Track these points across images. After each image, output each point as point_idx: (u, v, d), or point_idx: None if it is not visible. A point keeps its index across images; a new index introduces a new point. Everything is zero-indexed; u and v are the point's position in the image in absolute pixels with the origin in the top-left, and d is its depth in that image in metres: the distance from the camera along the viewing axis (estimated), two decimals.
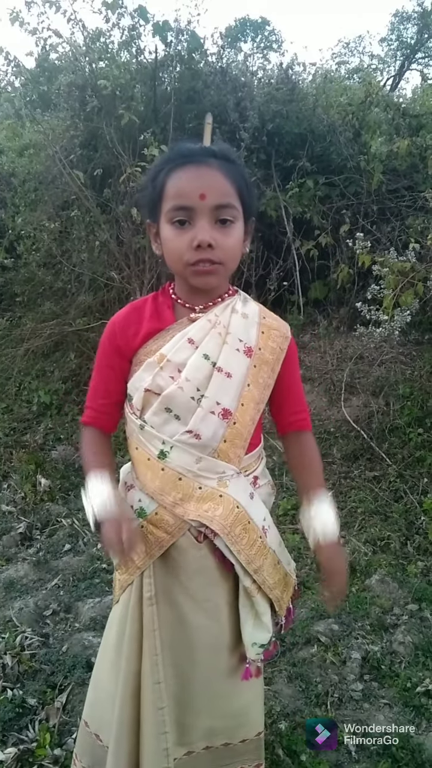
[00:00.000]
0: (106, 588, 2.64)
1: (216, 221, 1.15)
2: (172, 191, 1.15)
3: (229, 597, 1.28)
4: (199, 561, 1.24)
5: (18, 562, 2.86)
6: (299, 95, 4.99)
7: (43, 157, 5.09)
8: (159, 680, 1.23)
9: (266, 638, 1.30)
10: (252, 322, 1.27)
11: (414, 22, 10.40)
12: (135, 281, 4.44)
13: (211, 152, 1.18)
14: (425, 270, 3.43)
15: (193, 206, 1.13)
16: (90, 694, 1.43)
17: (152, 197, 1.21)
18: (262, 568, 1.27)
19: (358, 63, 10.65)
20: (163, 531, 1.23)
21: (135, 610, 1.25)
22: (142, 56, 4.83)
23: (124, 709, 1.26)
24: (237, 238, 1.19)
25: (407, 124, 4.95)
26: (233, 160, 1.21)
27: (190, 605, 1.25)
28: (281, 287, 4.70)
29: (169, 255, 1.20)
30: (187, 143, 1.25)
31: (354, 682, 2.12)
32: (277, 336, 1.30)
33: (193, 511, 1.21)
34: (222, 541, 1.21)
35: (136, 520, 1.25)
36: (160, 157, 1.24)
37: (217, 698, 1.33)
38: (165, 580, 1.25)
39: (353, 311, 4.15)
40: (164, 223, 1.18)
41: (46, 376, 4.73)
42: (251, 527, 1.25)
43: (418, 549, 2.89)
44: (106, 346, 1.30)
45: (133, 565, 1.24)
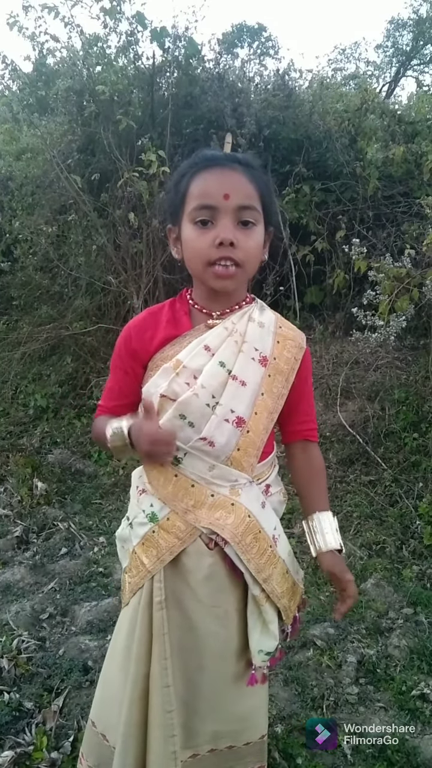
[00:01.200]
0: (103, 591, 2.64)
1: (238, 222, 1.16)
2: (196, 192, 1.16)
3: (239, 604, 1.29)
4: (210, 567, 1.25)
5: (14, 565, 2.86)
6: (296, 101, 5.02)
7: (40, 161, 5.11)
8: (168, 684, 1.23)
9: (273, 646, 1.31)
10: (268, 332, 1.28)
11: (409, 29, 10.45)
12: (132, 285, 4.46)
13: (236, 158, 1.20)
14: (420, 276, 3.46)
15: (217, 206, 1.14)
16: (98, 695, 1.44)
17: (175, 201, 1.22)
18: (272, 578, 1.28)
19: (354, 69, 10.68)
20: (174, 536, 1.23)
21: (145, 614, 1.25)
22: (140, 62, 4.85)
23: (132, 710, 1.27)
24: (258, 241, 1.20)
25: (403, 130, 4.99)
26: (256, 168, 1.22)
27: (199, 611, 1.26)
28: (277, 292, 4.72)
29: (190, 255, 1.20)
30: (211, 150, 1.28)
31: (350, 686, 2.13)
32: (292, 346, 1.31)
33: (204, 519, 1.22)
34: (232, 549, 1.22)
35: (147, 525, 1.26)
36: (184, 163, 1.25)
37: (223, 703, 1.33)
38: (175, 585, 1.25)
39: (349, 316, 4.17)
40: (186, 223, 1.18)
41: (43, 380, 4.74)
42: (262, 536, 1.26)
43: (414, 553, 2.90)
44: (122, 349, 1.30)
45: (144, 569, 1.25)
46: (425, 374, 3.90)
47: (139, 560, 1.27)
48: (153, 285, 4.48)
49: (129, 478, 3.75)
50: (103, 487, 3.64)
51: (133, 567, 1.29)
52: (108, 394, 1.35)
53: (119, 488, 3.62)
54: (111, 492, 3.58)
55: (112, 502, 3.48)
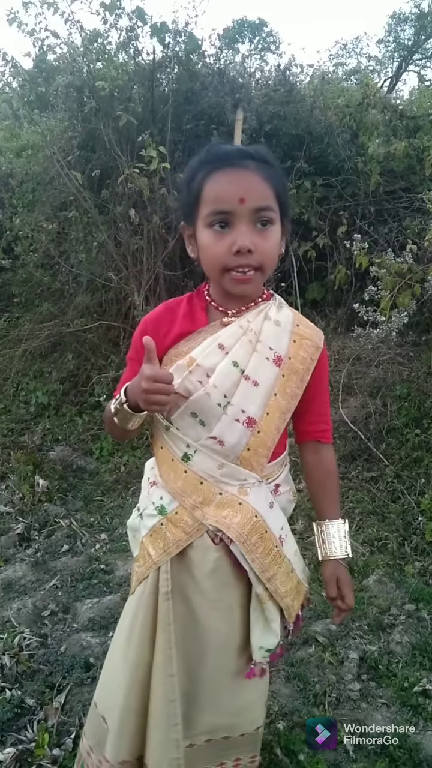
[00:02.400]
0: (104, 588, 2.64)
1: (255, 224, 1.14)
2: (211, 195, 1.14)
3: (242, 599, 1.29)
4: (215, 562, 1.25)
5: (16, 562, 2.86)
6: (297, 97, 5.00)
7: (41, 158, 5.09)
8: (172, 673, 1.24)
9: (274, 643, 1.31)
10: (284, 330, 1.26)
11: (411, 23, 10.40)
12: (133, 282, 4.45)
13: (249, 154, 1.16)
14: (422, 271, 3.44)
15: (233, 210, 1.12)
16: (102, 677, 1.44)
17: (188, 200, 1.20)
18: (276, 577, 1.28)
19: (355, 64, 10.63)
20: (182, 530, 1.24)
21: (149, 600, 1.26)
22: (140, 57, 4.83)
23: (130, 695, 1.28)
24: (275, 241, 1.18)
25: (404, 125, 4.96)
26: (270, 162, 1.19)
27: (203, 604, 1.27)
28: (279, 288, 4.70)
29: (207, 260, 1.19)
30: (222, 145, 1.25)
31: (352, 682, 2.13)
32: (309, 345, 1.29)
33: (211, 516, 1.22)
34: (237, 548, 1.22)
35: (156, 517, 1.27)
36: (195, 158, 1.21)
37: (222, 696, 1.34)
38: (180, 577, 1.26)
39: (351, 312, 4.16)
40: (202, 227, 1.16)
41: (44, 377, 4.74)
42: (268, 536, 1.26)
43: (416, 549, 2.90)
44: (137, 342, 1.28)
45: (150, 559, 1.26)
46: (427, 370, 3.89)
47: (146, 551, 1.27)
48: (154, 281, 4.47)
49: (130, 475, 3.78)
50: (104, 484, 3.63)
51: (140, 557, 1.30)
52: (122, 386, 1.32)
53: (121, 485, 3.62)
54: (112, 489, 3.58)
55: (114, 499, 3.47)
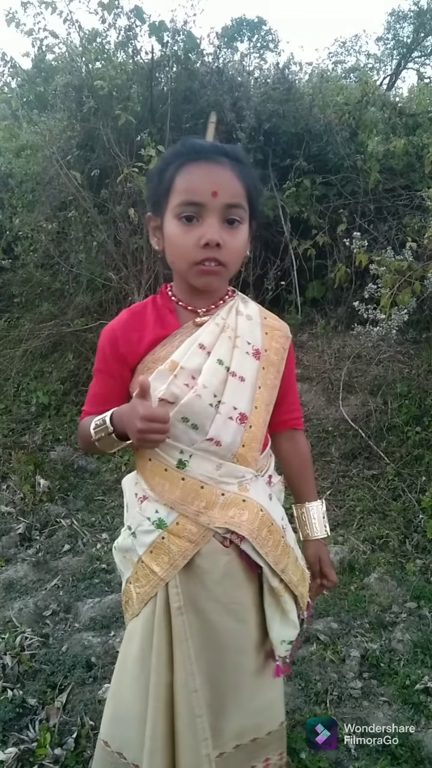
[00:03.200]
0: (106, 588, 2.64)
1: (224, 221, 1.13)
2: (183, 186, 1.12)
3: (255, 597, 1.29)
4: (226, 566, 1.23)
5: (17, 562, 2.87)
6: (296, 95, 4.99)
7: (40, 157, 5.09)
8: (195, 689, 1.21)
9: (294, 635, 1.32)
10: (256, 323, 1.27)
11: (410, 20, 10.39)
12: (133, 281, 4.45)
13: (224, 151, 1.16)
14: (422, 269, 3.44)
15: (204, 203, 1.11)
16: (109, 712, 1.36)
17: (158, 190, 1.18)
18: (288, 567, 1.28)
19: (354, 62, 10.63)
20: (187, 540, 1.21)
21: (161, 622, 1.22)
22: (139, 57, 4.83)
23: (156, 723, 1.22)
24: (243, 240, 1.18)
25: (404, 123, 4.95)
26: (244, 161, 1.19)
27: (217, 610, 1.24)
28: (279, 287, 4.71)
29: (174, 252, 1.17)
30: (197, 139, 1.23)
31: (353, 680, 2.13)
32: (279, 336, 1.30)
33: (218, 519, 1.20)
34: (249, 545, 1.21)
35: (155, 532, 1.22)
36: (169, 150, 1.20)
37: (245, 698, 1.32)
38: (189, 588, 1.22)
39: (351, 310, 4.15)
40: (170, 218, 1.15)
41: (45, 377, 4.74)
42: (275, 528, 1.26)
43: (417, 547, 2.90)
44: (107, 353, 1.26)
45: (156, 577, 1.22)
46: (428, 368, 3.89)
47: (148, 569, 1.23)
48: (154, 281, 4.46)
49: None
50: (105, 484, 3.64)
51: (141, 576, 1.25)
52: (93, 400, 1.30)
53: (121, 485, 3.61)
54: (113, 488, 3.58)
55: (115, 499, 3.47)
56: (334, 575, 1.44)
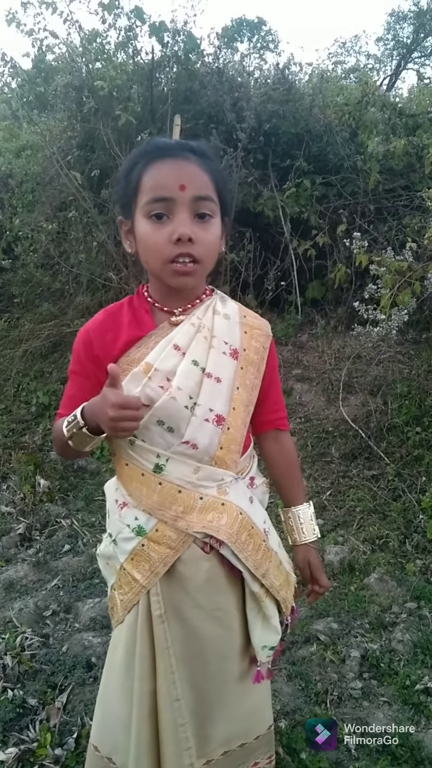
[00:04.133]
0: (106, 588, 2.62)
1: (195, 215, 1.11)
2: (150, 183, 1.11)
3: (238, 602, 1.27)
4: (208, 571, 1.21)
5: (18, 562, 2.87)
6: (296, 95, 4.99)
7: (40, 158, 5.10)
8: (177, 698, 1.20)
9: (275, 640, 1.30)
10: (234, 323, 1.25)
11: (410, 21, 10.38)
12: (133, 282, 4.45)
13: (189, 147, 1.15)
14: (422, 269, 3.44)
15: (173, 197, 1.09)
16: (98, 717, 1.37)
17: (126, 191, 1.16)
18: (269, 572, 1.26)
19: (354, 63, 10.62)
20: (167, 547, 1.18)
21: (144, 629, 1.21)
22: (139, 57, 4.84)
23: (141, 730, 1.22)
24: (215, 234, 1.16)
25: (404, 123, 4.96)
26: (210, 157, 1.17)
27: (200, 617, 1.23)
28: (279, 287, 4.71)
29: (146, 252, 1.14)
30: (163, 138, 1.22)
31: (353, 681, 2.13)
32: (259, 335, 1.28)
33: (197, 523, 1.18)
34: (228, 549, 1.20)
35: (135, 539, 1.21)
36: (134, 151, 1.18)
37: (231, 704, 1.31)
38: (172, 595, 1.21)
39: (351, 311, 4.16)
40: (140, 217, 1.13)
41: (45, 377, 4.74)
42: (255, 532, 1.24)
43: (417, 547, 2.90)
44: (81, 354, 1.23)
45: (138, 584, 1.20)
46: (428, 368, 3.89)
47: (130, 576, 1.21)
48: None
49: None
50: (105, 484, 3.63)
51: (124, 584, 1.23)
52: (68, 402, 1.24)
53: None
54: None
55: None
56: (325, 580, 1.40)
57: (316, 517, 1.44)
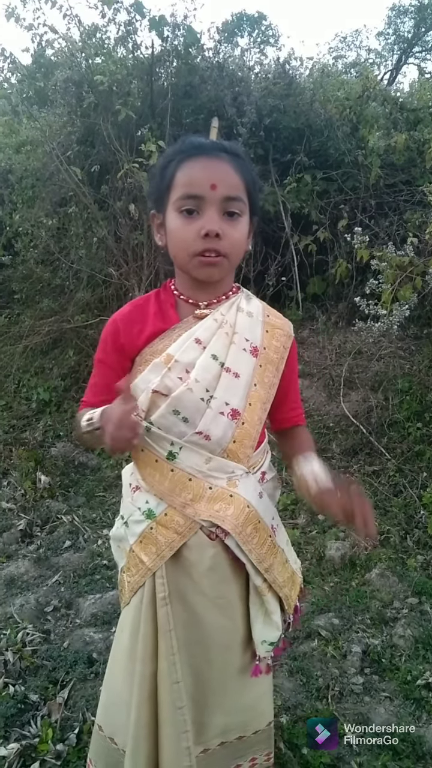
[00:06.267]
0: (107, 584, 2.64)
1: (224, 213, 1.15)
2: (183, 180, 1.15)
3: (242, 593, 1.29)
4: (212, 558, 1.24)
5: (18, 558, 2.87)
6: (296, 90, 4.97)
7: (40, 153, 5.08)
8: (177, 680, 1.23)
9: (276, 636, 1.31)
10: (257, 321, 1.27)
11: (411, 15, 10.36)
12: (133, 277, 4.44)
13: (222, 147, 1.19)
14: (423, 264, 3.43)
15: (203, 195, 1.13)
16: (103, 698, 1.42)
17: (160, 187, 1.20)
18: (273, 567, 1.28)
19: (355, 57, 10.61)
20: (173, 531, 1.22)
21: (148, 611, 1.24)
22: (139, 51, 4.81)
23: (141, 711, 1.25)
24: (243, 233, 1.19)
25: (405, 118, 4.94)
26: (243, 158, 1.21)
27: (203, 603, 1.25)
28: (279, 283, 4.70)
29: (175, 244, 1.19)
30: (198, 138, 1.25)
31: (354, 676, 2.13)
32: (281, 335, 1.30)
33: (204, 511, 1.21)
34: (233, 540, 1.22)
35: (144, 522, 1.24)
36: (170, 148, 1.23)
37: (231, 695, 1.33)
38: (177, 579, 1.24)
39: (352, 306, 4.15)
40: (171, 212, 1.17)
41: (45, 373, 4.73)
42: (261, 526, 1.26)
43: (418, 543, 2.89)
44: (108, 343, 1.27)
45: (144, 566, 1.24)
46: (429, 363, 3.88)
47: (137, 558, 1.25)
48: (154, 277, 4.46)
49: None
50: (106, 480, 3.63)
51: (132, 566, 1.27)
52: (92, 390, 1.30)
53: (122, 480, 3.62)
54: (114, 484, 3.58)
55: (116, 495, 3.47)
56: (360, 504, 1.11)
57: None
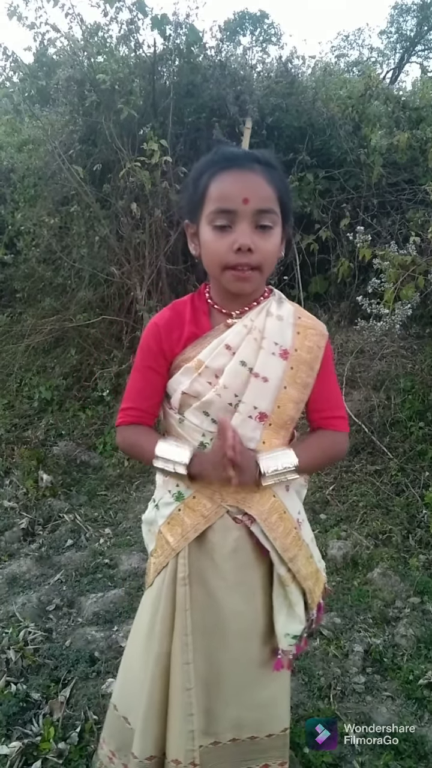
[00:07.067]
0: (109, 583, 2.65)
1: (256, 226, 1.16)
2: (216, 194, 1.16)
3: (263, 581, 1.31)
4: (236, 541, 1.27)
5: (20, 557, 2.87)
6: (298, 88, 4.96)
7: (42, 152, 5.08)
8: (188, 661, 1.25)
9: (299, 629, 1.33)
10: (287, 324, 1.27)
11: (413, 14, 10.35)
12: (135, 276, 4.43)
13: (255, 158, 1.19)
14: (426, 263, 3.43)
15: (236, 209, 1.14)
16: (120, 678, 1.46)
17: (193, 198, 1.22)
18: (297, 558, 1.30)
19: (357, 56, 10.62)
20: (200, 515, 1.26)
21: (168, 591, 1.27)
22: (141, 50, 4.80)
23: (153, 689, 1.29)
24: (275, 244, 1.20)
25: (407, 117, 4.93)
26: (275, 167, 1.22)
27: (223, 588, 1.28)
28: (282, 282, 4.68)
29: (208, 257, 1.20)
30: (230, 147, 1.27)
31: (356, 675, 2.13)
32: (313, 335, 1.29)
33: (230, 498, 1.25)
34: (258, 527, 1.25)
35: (173, 504, 1.29)
36: (203, 159, 1.24)
37: (246, 687, 1.34)
38: (199, 561, 1.27)
39: (354, 305, 4.14)
40: (205, 224, 1.19)
41: (47, 372, 4.74)
42: (287, 517, 1.29)
43: (420, 542, 2.89)
44: (152, 347, 1.28)
45: (169, 547, 1.28)
46: (431, 363, 3.87)
47: (164, 539, 1.29)
48: (156, 276, 4.45)
49: (134, 470, 3.78)
50: (108, 479, 3.64)
51: (158, 547, 1.31)
52: (137, 395, 1.32)
53: (124, 480, 3.62)
54: (116, 483, 3.58)
55: (118, 494, 3.48)
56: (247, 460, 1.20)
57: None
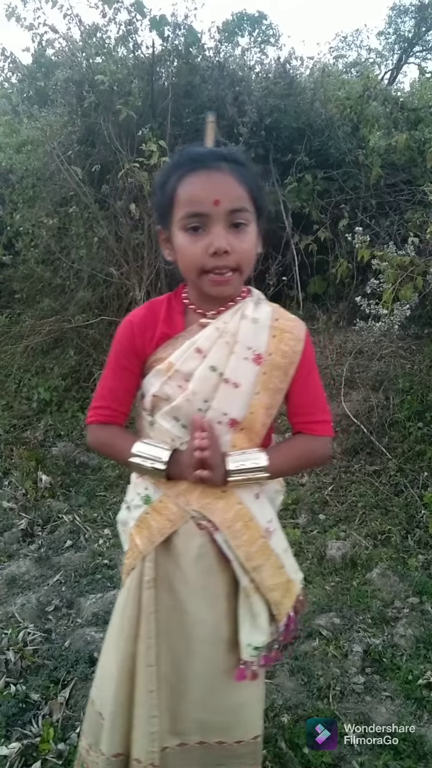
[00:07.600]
0: (108, 584, 2.64)
1: (230, 225, 1.13)
2: (185, 197, 1.13)
3: (228, 588, 1.28)
4: (199, 548, 1.25)
5: (20, 558, 2.87)
6: (297, 89, 4.97)
7: (40, 153, 5.08)
8: (151, 663, 1.25)
9: (262, 641, 1.28)
10: (263, 327, 1.23)
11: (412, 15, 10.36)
12: (134, 277, 4.44)
13: (222, 156, 1.16)
14: (424, 264, 3.43)
15: (208, 212, 1.11)
16: (97, 673, 1.47)
17: (162, 203, 1.18)
18: (263, 568, 1.26)
19: (355, 57, 10.60)
20: (166, 518, 1.25)
21: (134, 593, 1.27)
22: (139, 51, 4.81)
23: (120, 689, 1.28)
24: (251, 242, 1.17)
25: (405, 117, 4.95)
26: (243, 163, 1.18)
27: (188, 593, 1.26)
28: (280, 282, 4.70)
29: (184, 262, 1.18)
30: (195, 147, 1.23)
31: (356, 675, 2.13)
32: (290, 339, 1.25)
33: (195, 502, 1.23)
34: (222, 536, 1.22)
35: (142, 507, 1.28)
36: (169, 162, 1.22)
37: (212, 692, 1.32)
38: (166, 566, 1.26)
39: (352, 306, 4.15)
40: (177, 230, 1.15)
41: (46, 373, 4.73)
42: (253, 525, 1.25)
43: (419, 542, 2.89)
44: (125, 345, 1.27)
45: (137, 550, 1.27)
46: (430, 363, 3.88)
47: (133, 542, 1.28)
48: (155, 276, 4.46)
49: None
50: (107, 480, 3.64)
51: (130, 549, 1.31)
52: (109, 395, 1.30)
53: (123, 480, 3.61)
54: (115, 484, 3.58)
55: (117, 494, 3.47)
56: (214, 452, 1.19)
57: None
